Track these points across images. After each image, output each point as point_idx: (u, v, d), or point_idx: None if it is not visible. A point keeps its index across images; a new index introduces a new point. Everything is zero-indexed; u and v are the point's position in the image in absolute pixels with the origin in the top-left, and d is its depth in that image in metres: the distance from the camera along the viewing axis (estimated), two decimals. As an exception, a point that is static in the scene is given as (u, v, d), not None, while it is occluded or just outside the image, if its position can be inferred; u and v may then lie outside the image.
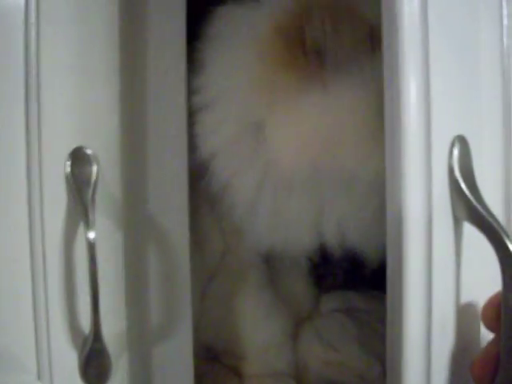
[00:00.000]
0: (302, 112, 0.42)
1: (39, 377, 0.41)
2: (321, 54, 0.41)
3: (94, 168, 0.40)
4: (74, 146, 0.39)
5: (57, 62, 0.38)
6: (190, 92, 0.46)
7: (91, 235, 0.37)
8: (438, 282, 0.31)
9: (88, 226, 0.37)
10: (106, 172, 0.40)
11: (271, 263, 0.55)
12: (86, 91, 0.40)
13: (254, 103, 0.44)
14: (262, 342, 0.53)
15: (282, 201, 0.47)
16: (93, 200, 0.39)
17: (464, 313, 0.33)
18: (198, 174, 0.48)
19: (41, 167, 0.38)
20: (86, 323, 0.40)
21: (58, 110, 0.38)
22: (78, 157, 0.39)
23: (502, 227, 0.30)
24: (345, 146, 0.42)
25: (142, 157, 0.42)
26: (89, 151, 0.40)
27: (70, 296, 0.40)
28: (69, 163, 0.39)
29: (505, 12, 0.34)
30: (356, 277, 0.60)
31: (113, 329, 0.41)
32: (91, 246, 0.38)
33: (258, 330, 0.53)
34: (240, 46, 0.45)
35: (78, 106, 0.39)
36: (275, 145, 0.43)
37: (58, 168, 0.39)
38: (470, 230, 0.32)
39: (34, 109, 0.37)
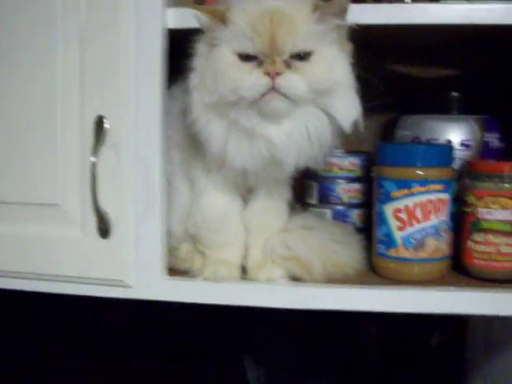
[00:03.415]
0: None
1: (82, 229, 0.83)
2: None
3: (105, 125, 0.79)
4: (96, 113, 0.79)
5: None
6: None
7: (93, 159, 0.77)
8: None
9: (93, 154, 0.77)
10: (112, 131, 0.79)
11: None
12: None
13: None
14: (227, 243, 0.84)
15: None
16: (102, 143, 0.78)
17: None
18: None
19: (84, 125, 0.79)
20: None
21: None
22: (100, 120, 0.79)
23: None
24: None
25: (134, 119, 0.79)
26: (105, 120, 0.79)
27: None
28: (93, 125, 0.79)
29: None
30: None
31: (113, 206, 0.80)
32: (93, 165, 0.77)
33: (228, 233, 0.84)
34: None
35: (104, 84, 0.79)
36: None
37: (89, 126, 0.79)
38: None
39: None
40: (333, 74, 0.70)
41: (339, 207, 0.93)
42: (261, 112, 0.70)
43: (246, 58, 0.70)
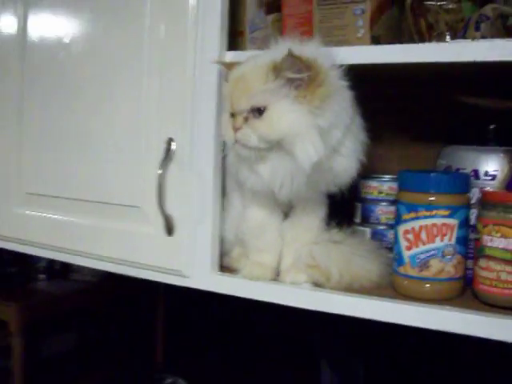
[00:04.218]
0: None
1: (154, 228, 1.03)
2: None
3: (172, 145, 0.99)
4: (168, 136, 1.00)
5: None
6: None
7: (159, 171, 0.98)
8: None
9: (161, 168, 0.98)
10: (177, 149, 0.99)
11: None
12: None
13: None
14: (264, 249, 0.99)
15: None
16: (170, 159, 0.99)
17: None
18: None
19: (159, 144, 1.01)
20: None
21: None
22: (170, 141, 0.99)
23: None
24: None
25: (195, 142, 0.98)
26: (173, 142, 0.99)
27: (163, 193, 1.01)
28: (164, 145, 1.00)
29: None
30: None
31: (176, 210, 1.00)
32: (160, 176, 0.98)
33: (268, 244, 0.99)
34: None
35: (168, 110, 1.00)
36: None
37: (162, 145, 1.00)
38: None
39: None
40: (280, 127, 0.81)
41: (378, 227, 1.02)
42: None
43: (232, 113, 0.87)
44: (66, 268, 3.11)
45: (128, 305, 3.32)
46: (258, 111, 0.83)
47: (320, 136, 0.81)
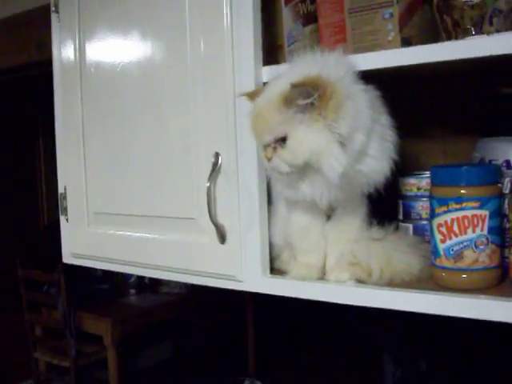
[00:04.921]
0: None
1: (209, 237, 1.11)
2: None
3: (219, 159, 1.07)
4: (215, 150, 1.08)
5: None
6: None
7: (207, 184, 1.06)
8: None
9: (209, 181, 1.07)
10: (223, 162, 1.07)
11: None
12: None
13: None
14: (309, 250, 1.04)
15: None
16: (218, 172, 1.07)
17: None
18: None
19: (208, 159, 1.09)
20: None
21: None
22: (217, 155, 1.08)
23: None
24: None
25: (240, 156, 1.06)
26: (220, 156, 1.07)
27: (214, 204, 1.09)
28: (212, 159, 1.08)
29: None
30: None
31: (226, 220, 1.08)
32: (208, 189, 1.06)
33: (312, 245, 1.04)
34: None
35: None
36: None
37: (210, 159, 1.08)
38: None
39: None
40: (302, 152, 0.88)
41: (419, 222, 1.05)
42: None
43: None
44: (155, 282, 3.28)
45: (217, 315, 3.45)
46: (282, 140, 0.90)
47: (341, 147, 0.87)
